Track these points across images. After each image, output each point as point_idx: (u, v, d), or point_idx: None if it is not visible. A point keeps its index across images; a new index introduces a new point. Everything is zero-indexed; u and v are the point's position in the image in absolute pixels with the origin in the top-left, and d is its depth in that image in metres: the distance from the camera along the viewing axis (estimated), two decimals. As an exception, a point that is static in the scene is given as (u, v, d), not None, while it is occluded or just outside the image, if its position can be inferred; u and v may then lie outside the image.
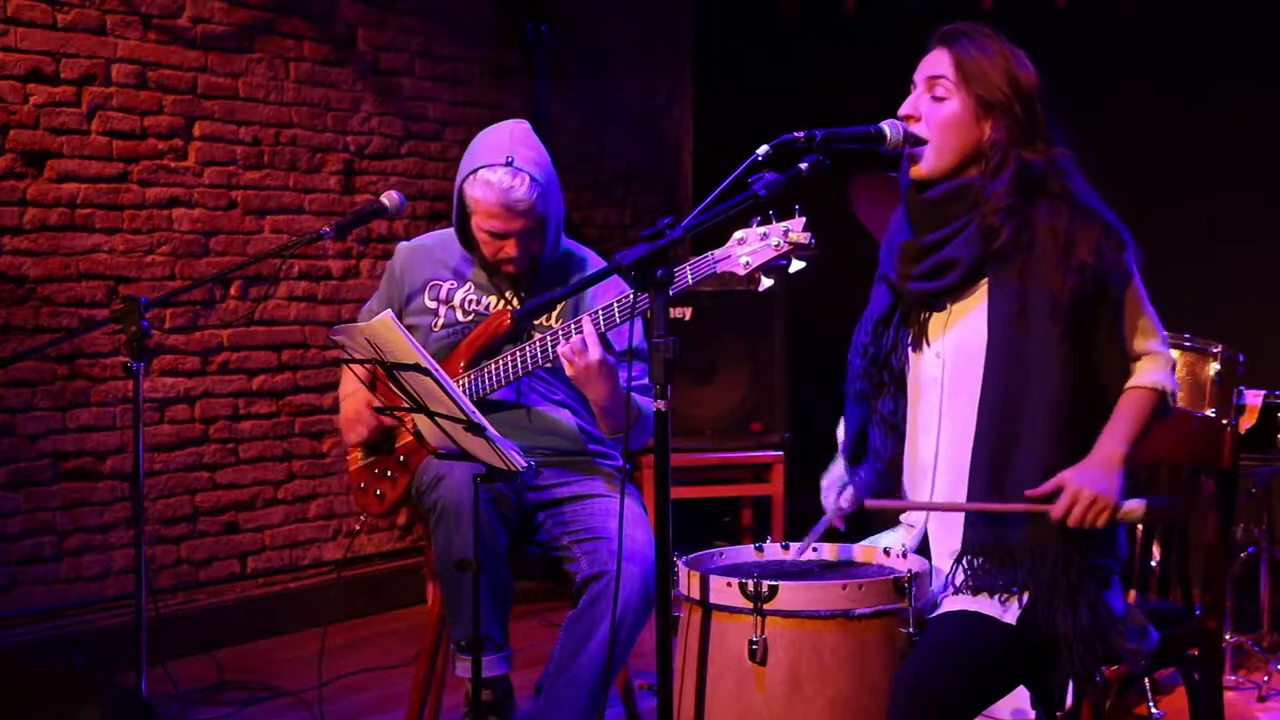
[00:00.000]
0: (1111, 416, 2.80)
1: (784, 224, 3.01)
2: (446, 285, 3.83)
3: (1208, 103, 5.58)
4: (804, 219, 2.98)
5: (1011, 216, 2.78)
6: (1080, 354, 2.79)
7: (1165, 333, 2.91)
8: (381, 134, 5.83)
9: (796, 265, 3.03)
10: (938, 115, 2.84)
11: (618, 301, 3.48)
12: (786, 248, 3.02)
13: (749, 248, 3.08)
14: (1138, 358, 2.85)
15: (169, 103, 5.15)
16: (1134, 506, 2.74)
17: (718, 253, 3.17)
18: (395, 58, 5.88)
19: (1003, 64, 2.83)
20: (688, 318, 5.48)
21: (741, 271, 3.11)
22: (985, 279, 2.84)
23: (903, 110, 2.87)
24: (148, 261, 5.11)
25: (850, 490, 3.05)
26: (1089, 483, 2.70)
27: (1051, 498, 2.72)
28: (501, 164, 3.62)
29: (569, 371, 3.51)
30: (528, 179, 3.62)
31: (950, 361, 2.89)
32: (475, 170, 3.65)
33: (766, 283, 3.10)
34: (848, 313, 3.10)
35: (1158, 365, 2.85)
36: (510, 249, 3.69)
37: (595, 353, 3.47)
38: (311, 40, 5.57)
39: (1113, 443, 2.77)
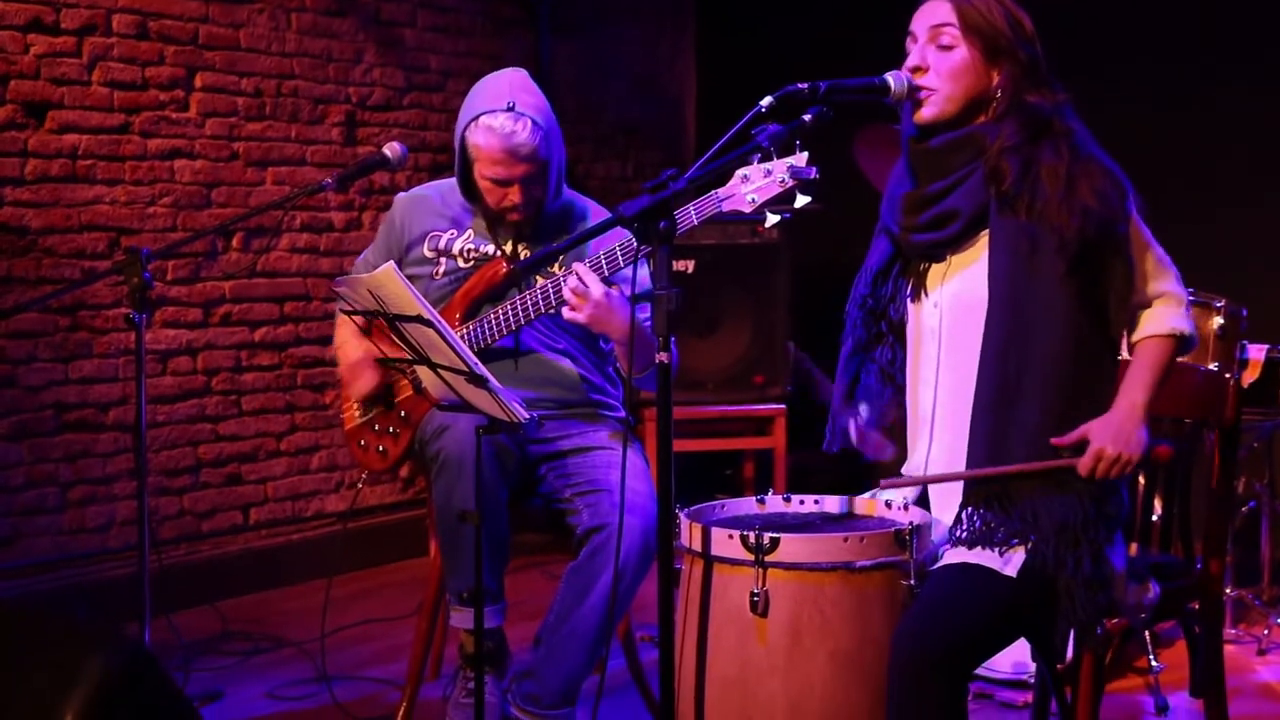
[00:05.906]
0: (1131, 366, 2.81)
1: (787, 159, 2.99)
2: (445, 235, 3.81)
3: (1210, 58, 5.55)
4: (806, 153, 2.95)
5: (1017, 156, 2.77)
6: (1088, 304, 2.78)
7: (1177, 270, 2.88)
8: (383, 85, 5.80)
9: (802, 200, 2.99)
10: (947, 63, 2.81)
11: (619, 245, 3.47)
12: (791, 183, 3.00)
13: (754, 185, 3.07)
14: (1151, 302, 2.84)
15: (170, 53, 5.13)
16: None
17: (722, 191, 3.16)
18: (397, 8, 5.85)
19: (1000, 9, 2.82)
20: (690, 270, 5.46)
21: (748, 209, 3.09)
22: (986, 230, 2.82)
23: (909, 63, 2.84)
24: (149, 213, 5.10)
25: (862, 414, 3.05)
26: (1113, 441, 2.72)
27: (1078, 450, 2.73)
28: (503, 109, 3.60)
29: (582, 318, 3.48)
30: (530, 123, 3.60)
31: (948, 312, 2.88)
32: (476, 117, 3.62)
33: (773, 219, 3.06)
34: (851, 265, 3.09)
35: (1170, 309, 2.84)
36: (514, 195, 3.67)
37: (597, 289, 3.45)
38: (313, -10, 5.55)
39: (1134, 394, 2.78)
